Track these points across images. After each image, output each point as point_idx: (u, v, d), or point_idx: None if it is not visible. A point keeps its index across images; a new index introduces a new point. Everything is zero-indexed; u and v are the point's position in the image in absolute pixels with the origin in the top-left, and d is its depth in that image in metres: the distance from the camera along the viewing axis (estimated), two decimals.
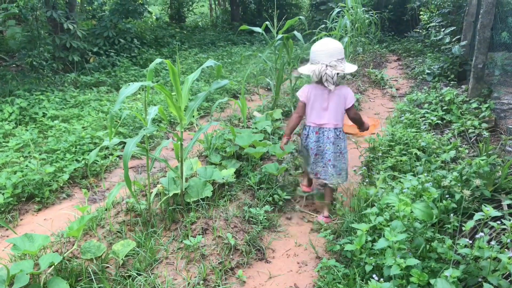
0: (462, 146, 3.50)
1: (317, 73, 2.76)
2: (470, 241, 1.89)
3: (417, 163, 3.21)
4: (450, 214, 2.28)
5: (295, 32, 5.28)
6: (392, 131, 4.01)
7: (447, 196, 2.40)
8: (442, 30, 6.99)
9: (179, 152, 2.86)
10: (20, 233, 2.71)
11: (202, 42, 11.66)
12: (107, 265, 2.41)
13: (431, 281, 1.74)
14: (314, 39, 5.17)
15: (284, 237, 2.87)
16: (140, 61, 8.63)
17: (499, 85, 4.89)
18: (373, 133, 4.20)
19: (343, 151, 2.96)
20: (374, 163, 3.56)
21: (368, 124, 3.11)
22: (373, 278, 1.86)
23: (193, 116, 5.12)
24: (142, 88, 6.35)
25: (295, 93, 3.25)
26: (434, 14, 8.15)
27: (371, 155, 3.72)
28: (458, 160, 3.17)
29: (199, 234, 2.67)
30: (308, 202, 3.29)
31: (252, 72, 7.50)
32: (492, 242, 1.85)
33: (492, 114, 4.23)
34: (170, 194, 2.94)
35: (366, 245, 2.20)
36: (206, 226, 2.76)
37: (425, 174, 2.67)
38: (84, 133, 4.36)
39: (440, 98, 5.06)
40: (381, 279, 1.86)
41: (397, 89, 6.91)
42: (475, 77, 4.77)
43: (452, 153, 3.14)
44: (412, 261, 1.83)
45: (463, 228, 2.01)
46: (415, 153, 3.38)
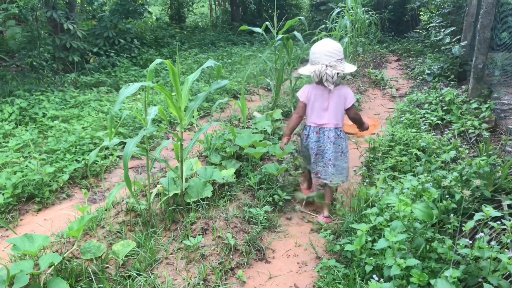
0: (462, 146, 3.50)
1: (317, 73, 2.77)
2: (470, 241, 1.89)
3: (417, 164, 3.21)
4: (450, 214, 2.28)
5: (295, 33, 5.28)
6: (392, 131, 4.01)
7: (447, 196, 2.40)
8: (442, 31, 7.00)
9: (179, 152, 2.86)
10: (20, 233, 2.71)
11: (202, 43, 11.66)
12: (107, 265, 2.41)
13: (431, 281, 1.74)
14: (314, 40, 5.17)
15: (284, 237, 2.87)
16: (140, 62, 8.63)
17: (499, 86, 4.89)
18: (373, 133, 4.21)
19: (345, 151, 2.97)
20: (374, 163, 3.56)
21: (368, 124, 3.12)
22: (373, 279, 1.85)
23: (193, 117, 5.12)
24: (142, 89, 6.34)
25: (295, 94, 3.26)
26: (434, 15, 8.15)
27: (371, 156, 3.72)
28: (458, 161, 3.17)
29: (199, 234, 2.67)
30: (308, 202, 3.29)
31: (252, 73, 7.49)
32: (492, 242, 1.85)
33: (492, 115, 4.23)
34: (170, 194, 2.94)
35: (366, 245, 2.20)
36: (206, 226, 2.76)
37: (425, 174, 2.68)
38: (84, 133, 4.36)
39: (440, 99, 5.06)
40: (381, 280, 1.86)
41: (397, 90, 6.91)
42: (475, 78, 4.77)
43: (452, 154, 3.14)
44: (412, 261, 1.83)
45: (463, 228, 2.01)
46: (415, 154, 3.38)
